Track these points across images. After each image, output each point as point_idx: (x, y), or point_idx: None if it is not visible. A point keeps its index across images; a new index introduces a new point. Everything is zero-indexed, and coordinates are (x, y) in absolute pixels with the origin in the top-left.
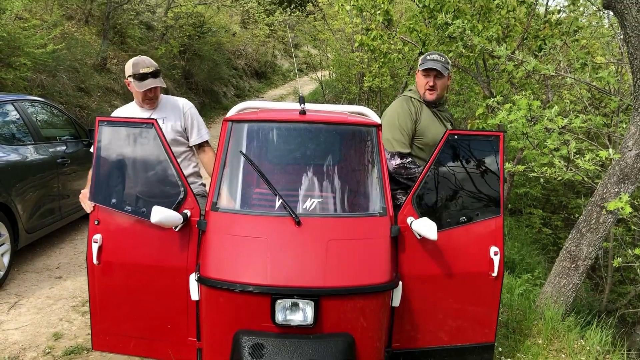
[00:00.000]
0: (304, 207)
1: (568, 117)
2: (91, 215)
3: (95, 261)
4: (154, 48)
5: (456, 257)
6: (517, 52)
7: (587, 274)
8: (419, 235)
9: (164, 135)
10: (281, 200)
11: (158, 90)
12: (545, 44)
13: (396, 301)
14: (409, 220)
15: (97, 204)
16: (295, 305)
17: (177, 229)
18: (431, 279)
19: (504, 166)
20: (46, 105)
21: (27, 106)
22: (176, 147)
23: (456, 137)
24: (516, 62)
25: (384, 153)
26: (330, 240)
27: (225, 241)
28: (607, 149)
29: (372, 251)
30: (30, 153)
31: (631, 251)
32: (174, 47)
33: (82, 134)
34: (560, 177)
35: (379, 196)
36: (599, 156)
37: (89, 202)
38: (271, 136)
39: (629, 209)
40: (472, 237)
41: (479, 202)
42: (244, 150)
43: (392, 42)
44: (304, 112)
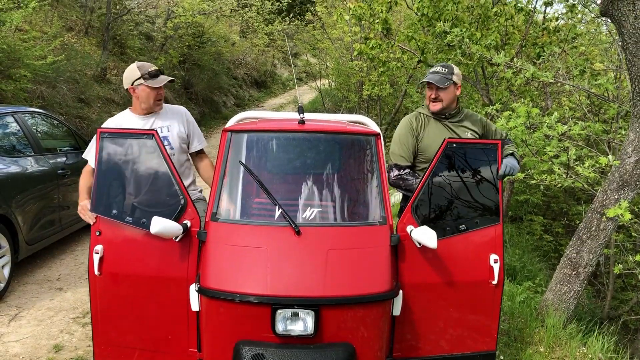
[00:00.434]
0: (303, 216)
1: (567, 124)
2: (92, 226)
3: (96, 272)
4: (153, 58)
5: (456, 266)
6: (515, 59)
7: (588, 280)
8: (419, 243)
9: (164, 146)
10: (281, 210)
11: (163, 92)
12: (543, 51)
13: (397, 310)
14: (409, 229)
15: (98, 215)
16: (296, 315)
17: (178, 240)
18: (431, 287)
19: None
20: (46, 117)
21: (27, 118)
22: (181, 154)
23: (454, 145)
24: (515, 70)
25: (383, 162)
26: (330, 250)
27: (225, 251)
28: (607, 155)
29: (372, 260)
30: (30, 164)
31: (632, 258)
32: (173, 57)
33: (82, 145)
34: (560, 184)
35: (378, 205)
36: (598, 163)
37: (90, 213)
38: (270, 146)
39: (628, 215)
40: (471, 245)
41: (478, 210)
42: (243, 160)
43: (391, 51)
44: (303, 122)
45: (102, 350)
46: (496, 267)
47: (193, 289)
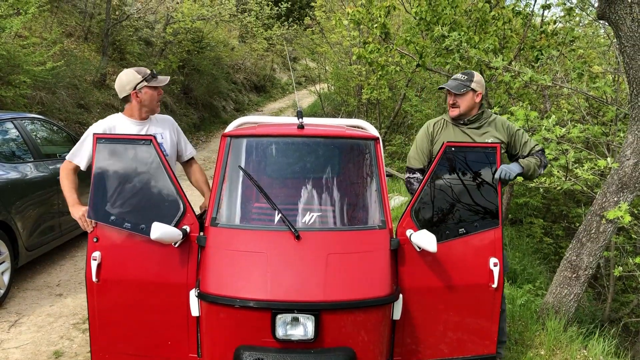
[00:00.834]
0: (303, 221)
1: (566, 127)
2: (90, 233)
3: (94, 279)
4: (153, 64)
5: (456, 269)
6: (514, 63)
7: (589, 283)
8: (418, 247)
9: (162, 152)
10: (280, 215)
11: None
12: (542, 54)
13: (397, 314)
14: (408, 232)
15: (96, 221)
16: (296, 320)
17: (177, 245)
18: (431, 291)
19: None
20: (46, 123)
21: (26, 124)
22: (172, 162)
23: (453, 149)
24: (513, 73)
25: (382, 166)
26: (329, 254)
27: (225, 256)
28: (606, 158)
29: (372, 264)
30: (30, 170)
31: (632, 260)
32: (173, 62)
33: None
34: (559, 187)
35: (378, 209)
36: (597, 165)
37: (89, 220)
38: (270, 151)
39: (628, 217)
40: (471, 248)
41: (477, 214)
42: (242, 165)
43: (389, 55)
44: (302, 127)
45: (100, 357)
46: (496, 271)
47: (193, 294)
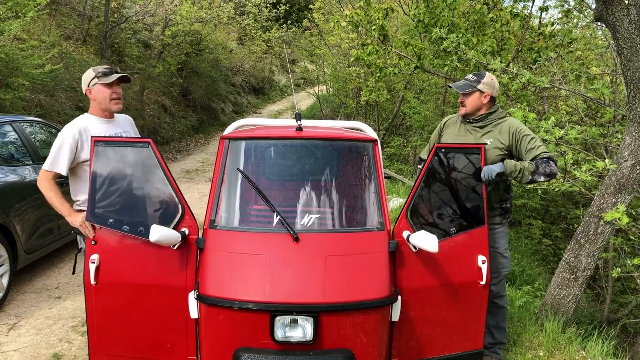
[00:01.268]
0: (301, 223)
1: (564, 129)
2: (90, 237)
3: (92, 282)
4: (151, 66)
5: (448, 268)
6: (512, 64)
7: (587, 284)
8: (415, 248)
9: (160, 154)
10: (279, 217)
11: (120, 91)
12: (539, 56)
13: (395, 316)
14: (405, 234)
15: (95, 224)
16: (295, 321)
17: (175, 248)
18: (426, 291)
19: None
20: (44, 125)
21: (25, 126)
22: None
23: (443, 150)
24: (511, 75)
25: (381, 168)
26: (328, 256)
27: (223, 259)
28: (604, 159)
29: (370, 266)
30: (28, 173)
31: (630, 261)
32: (171, 64)
33: None
34: (557, 189)
35: (376, 211)
36: (595, 167)
37: (89, 225)
38: (268, 153)
39: (626, 219)
40: (461, 247)
41: (465, 213)
42: (241, 167)
43: (388, 57)
44: (300, 129)
45: (98, 359)
46: (484, 268)
47: (192, 296)
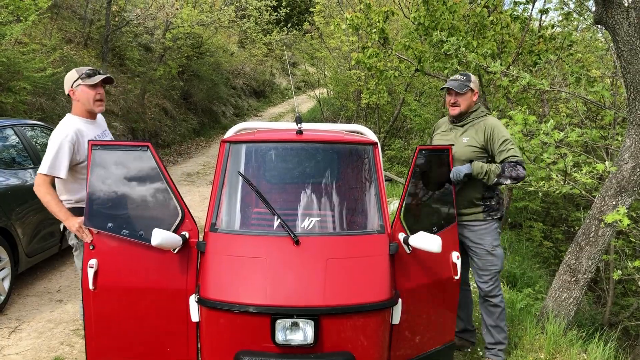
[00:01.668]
0: (302, 226)
1: (564, 131)
2: (87, 242)
3: (90, 287)
4: (152, 69)
5: (432, 267)
6: (512, 67)
7: (588, 286)
8: (409, 249)
9: (159, 157)
10: (279, 220)
11: (103, 92)
12: (540, 58)
13: (396, 318)
14: (401, 236)
15: (93, 228)
16: (295, 324)
17: (176, 251)
18: (418, 291)
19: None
20: (45, 129)
21: (26, 130)
22: None
23: (423, 152)
24: (511, 78)
25: (381, 171)
26: (329, 259)
27: (224, 262)
28: (604, 161)
29: (371, 269)
30: (30, 177)
31: (631, 263)
32: (172, 68)
33: None
34: (558, 191)
35: (377, 214)
36: (595, 169)
37: (87, 229)
38: (268, 156)
39: (627, 221)
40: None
41: (441, 211)
42: (242, 171)
43: (388, 60)
44: (300, 132)
45: None
46: (458, 263)
47: (193, 299)
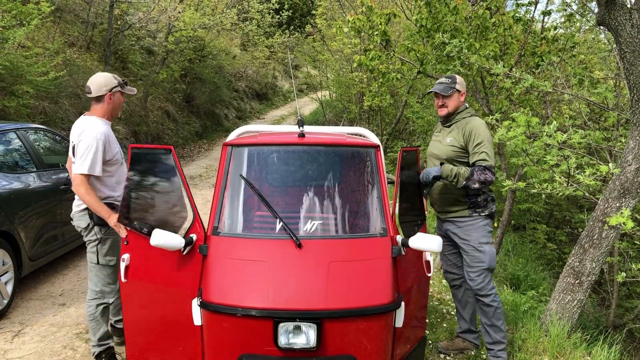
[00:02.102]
0: (304, 229)
1: (567, 133)
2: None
3: (123, 279)
4: (155, 72)
5: (417, 267)
6: (514, 69)
7: (592, 289)
8: (403, 251)
9: (179, 161)
10: (282, 223)
11: None
12: (542, 60)
13: (399, 322)
14: (399, 237)
15: (124, 225)
16: (298, 328)
17: (185, 253)
18: (409, 291)
19: (506, 183)
20: (48, 132)
21: (29, 134)
22: None
23: (404, 153)
24: (514, 80)
25: (383, 174)
26: (331, 262)
27: (226, 265)
28: (608, 163)
29: (373, 272)
30: (33, 180)
31: (635, 265)
32: (175, 71)
33: None
34: (561, 193)
35: (379, 217)
36: (599, 171)
37: (121, 225)
38: (271, 159)
39: (631, 223)
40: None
41: (418, 211)
42: (244, 174)
43: (390, 62)
44: (302, 135)
45: (133, 353)
46: (431, 260)
47: (195, 303)
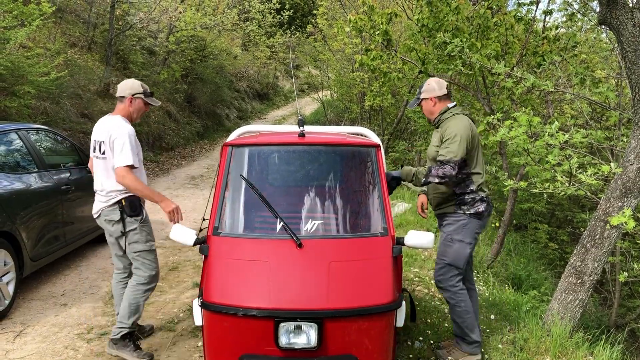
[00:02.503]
0: (305, 229)
1: (569, 132)
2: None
3: None
4: (156, 73)
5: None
6: (516, 68)
7: (594, 288)
8: (397, 248)
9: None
10: (282, 223)
11: None
12: (544, 59)
13: (400, 321)
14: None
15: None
16: (299, 328)
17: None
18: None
19: (507, 182)
20: (49, 133)
21: (30, 134)
22: None
23: None
24: (515, 79)
25: (384, 173)
26: (332, 262)
27: (227, 265)
28: (610, 163)
29: (374, 272)
30: (34, 181)
31: (637, 265)
32: (176, 71)
33: (86, 160)
34: (563, 193)
35: (380, 216)
36: (601, 170)
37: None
38: (271, 159)
39: (632, 223)
40: None
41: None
42: (244, 174)
43: (392, 62)
44: (303, 135)
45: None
46: None
47: (196, 303)
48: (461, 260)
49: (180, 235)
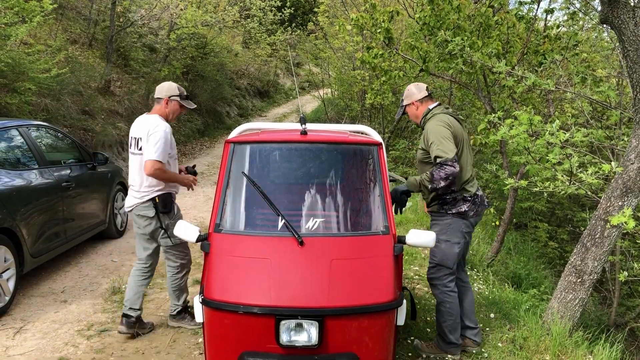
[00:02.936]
0: (306, 226)
1: (570, 131)
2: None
3: None
4: (157, 70)
5: None
6: (517, 67)
7: (594, 287)
8: (399, 247)
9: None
10: (284, 221)
11: None
12: (545, 58)
13: (401, 320)
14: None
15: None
16: (300, 325)
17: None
18: None
19: (508, 181)
20: (50, 130)
21: (31, 131)
22: None
23: None
24: (516, 78)
25: (385, 171)
26: (333, 260)
27: (228, 262)
28: (610, 162)
29: (375, 270)
30: (34, 177)
31: (637, 264)
32: (176, 68)
33: (87, 157)
34: (563, 192)
35: (381, 214)
36: (601, 170)
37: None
38: (273, 157)
39: (632, 223)
40: None
41: None
42: (246, 171)
43: (393, 60)
44: (305, 133)
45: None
46: None
47: (197, 300)
48: (450, 260)
49: (184, 231)
